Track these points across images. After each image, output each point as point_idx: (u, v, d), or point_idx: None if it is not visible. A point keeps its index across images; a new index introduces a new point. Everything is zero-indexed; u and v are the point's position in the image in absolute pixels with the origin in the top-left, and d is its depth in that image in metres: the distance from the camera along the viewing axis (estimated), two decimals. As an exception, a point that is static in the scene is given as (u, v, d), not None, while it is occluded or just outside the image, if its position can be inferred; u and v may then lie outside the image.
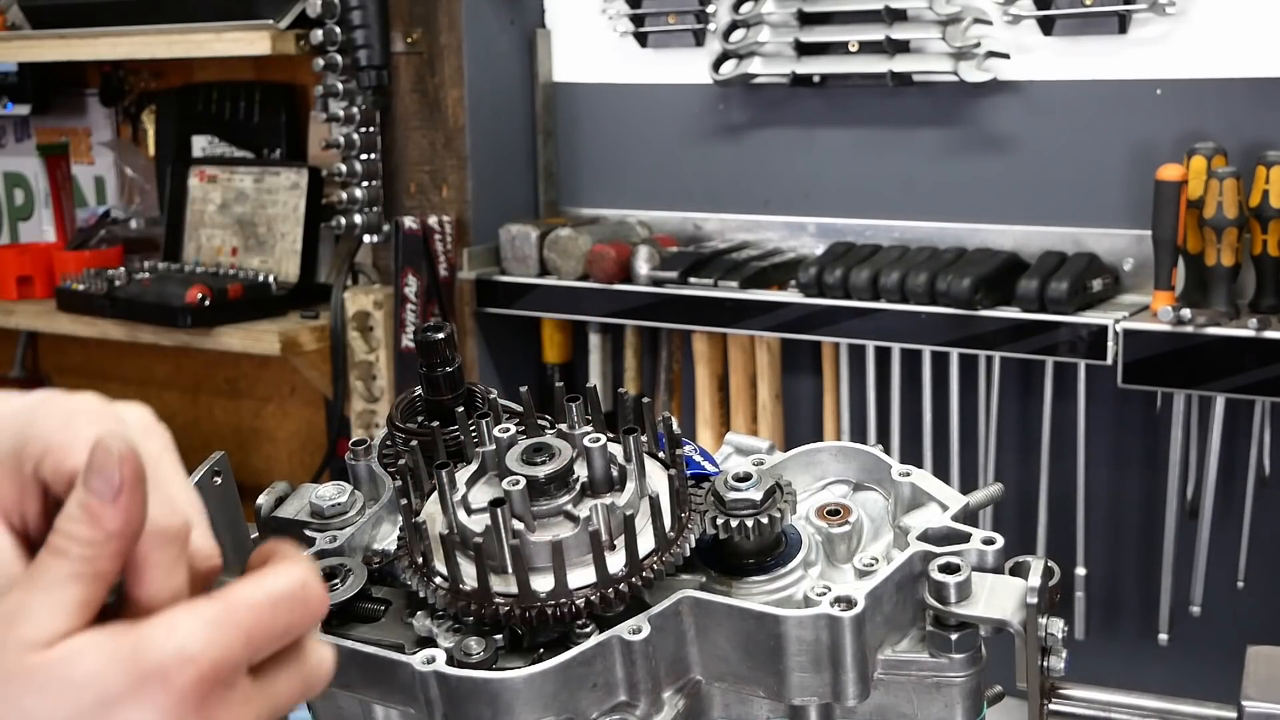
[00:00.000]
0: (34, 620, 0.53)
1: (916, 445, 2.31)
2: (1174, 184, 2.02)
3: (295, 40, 2.62)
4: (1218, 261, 2.03)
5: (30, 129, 3.59)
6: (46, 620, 0.53)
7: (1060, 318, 2.09)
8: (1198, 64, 2.13)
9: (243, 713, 0.56)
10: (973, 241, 2.32)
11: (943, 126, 2.36)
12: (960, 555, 0.77)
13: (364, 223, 2.65)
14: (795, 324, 2.32)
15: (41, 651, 0.53)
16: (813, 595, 0.75)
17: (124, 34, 2.82)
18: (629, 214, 2.67)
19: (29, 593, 0.54)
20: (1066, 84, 2.24)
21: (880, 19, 2.30)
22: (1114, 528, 2.29)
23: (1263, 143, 2.07)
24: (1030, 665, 0.80)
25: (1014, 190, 2.31)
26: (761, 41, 2.41)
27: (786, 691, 0.74)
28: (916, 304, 2.18)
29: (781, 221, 2.53)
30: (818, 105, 2.47)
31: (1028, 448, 2.28)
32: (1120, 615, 2.31)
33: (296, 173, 2.94)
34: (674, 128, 2.62)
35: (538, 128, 2.73)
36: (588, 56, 2.70)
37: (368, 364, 2.70)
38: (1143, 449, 2.25)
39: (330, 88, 2.61)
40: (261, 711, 0.58)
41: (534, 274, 2.56)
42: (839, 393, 2.39)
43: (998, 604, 0.76)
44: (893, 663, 0.77)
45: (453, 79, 2.60)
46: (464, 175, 2.62)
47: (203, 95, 3.19)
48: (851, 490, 0.88)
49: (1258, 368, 1.96)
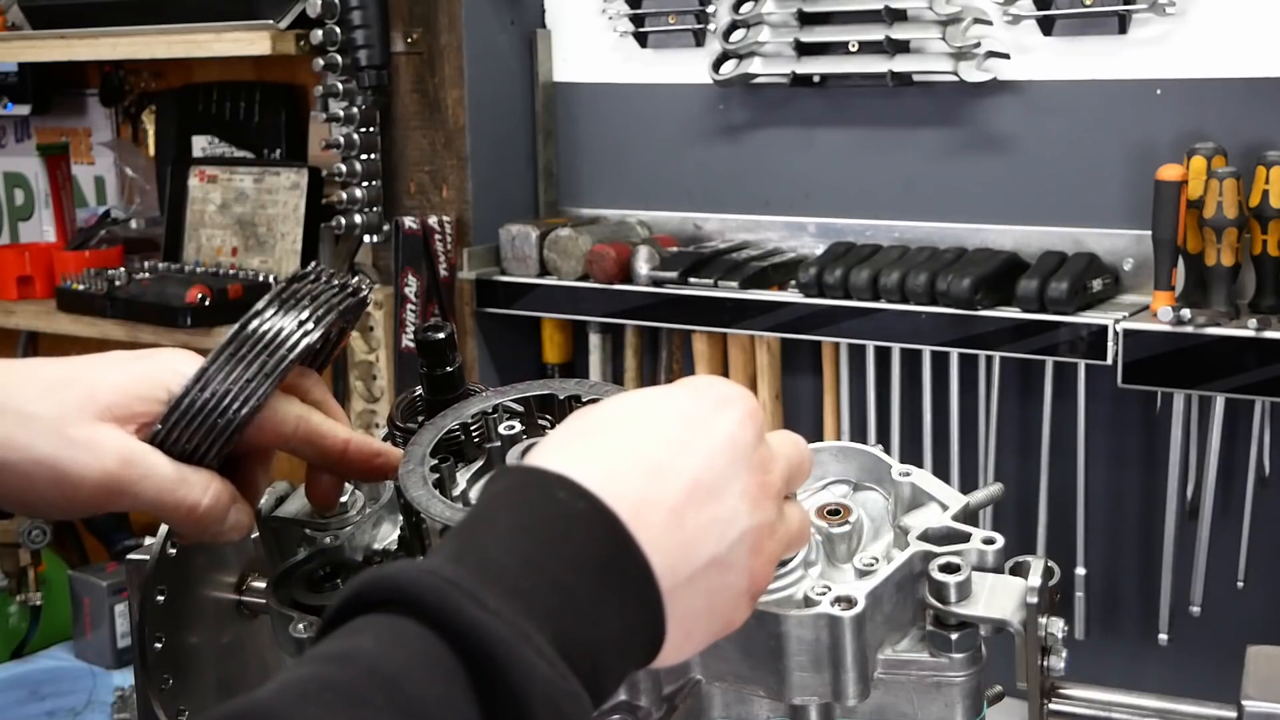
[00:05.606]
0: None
1: (916, 445, 2.31)
2: (1174, 184, 2.02)
3: (295, 40, 2.62)
4: (1218, 261, 2.03)
5: (30, 129, 3.59)
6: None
7: (1060, 318, 2.09)
8: (1198, 64, 2.13)
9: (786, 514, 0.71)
10: (973, 241, 2.32)
11: (943, 126, 2.36)
12: (960, 555, 0.77)
13: (364, 223, 2.65)
14: (795, 324, 2.32)
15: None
16: (813, 595, 0.75)
17: (124, 34, 2.82)
18: (629, 214, 2.67)
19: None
20: (1066, 84, 2.24)
21: (880, 19, 2.30)
22: (1114, 528, 2.29)
23: (1263, 143, 2.07)
24: (1030, 665, 0.80)
25: (1014, 190, 2.31)
26: (761, 41, 2.41)
27: (787, 691, 0.74)
28: (916, 304, 2.18)
29: (781, 221, 2.53)
30: (818, 105, 2.47)
31: (1028, 448, 2.28)
32: (1120, 615, 2.31)
33: (296, 173, 2.94)
34: (674, 128, 2.62)
35: (538, 128, 2.73)
36: (588, 56, 2.70)
37: (368, 364, 2.70)
38: (1142, 449, 2.25)
39: (330, 88, 2.61)
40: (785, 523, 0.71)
41: (534, 274, 2.56)
42: (839, 393, 2.39)
43: (998, 604, 0.76)
44: (893, 662, 0.77)
45: (453, 79, 2.60)
46: (464, 175, 2.62)
47: (203, 95, 3.19)
48: (851, 490, 0.88)
49: (1258, 368, 1.96)
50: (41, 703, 2.72)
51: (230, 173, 3.05)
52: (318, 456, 0.86)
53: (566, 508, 0.62)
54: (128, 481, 0.77)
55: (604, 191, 2.72)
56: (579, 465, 0.64)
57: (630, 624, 0.62)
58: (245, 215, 3.01)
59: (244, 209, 3.01)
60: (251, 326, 0.80)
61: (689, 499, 0.65)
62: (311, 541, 0.91)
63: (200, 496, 0.79)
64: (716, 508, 0.66)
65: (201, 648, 0.98)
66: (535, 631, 0.57)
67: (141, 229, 3.29)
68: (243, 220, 3.01)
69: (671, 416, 0.68)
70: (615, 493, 0.63)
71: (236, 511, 0.81)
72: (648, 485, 0.64)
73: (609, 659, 0.61)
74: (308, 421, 0.84)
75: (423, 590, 0.56)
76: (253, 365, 0.78)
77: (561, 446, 0.66)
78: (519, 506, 0.63)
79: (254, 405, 0.78)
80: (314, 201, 2.89)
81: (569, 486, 0.63)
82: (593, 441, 0.66)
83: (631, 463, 0.65)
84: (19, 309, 3.10)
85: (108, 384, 0.78)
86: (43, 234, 3.54)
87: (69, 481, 0.76)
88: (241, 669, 1.01)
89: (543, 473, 0.64)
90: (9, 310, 3.10)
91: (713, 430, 0.67)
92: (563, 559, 0.60)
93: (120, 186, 3.40)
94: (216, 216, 3.06)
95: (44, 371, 0.79)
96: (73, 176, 3.53)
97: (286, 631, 0.85)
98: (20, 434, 0.76)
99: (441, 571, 0.57)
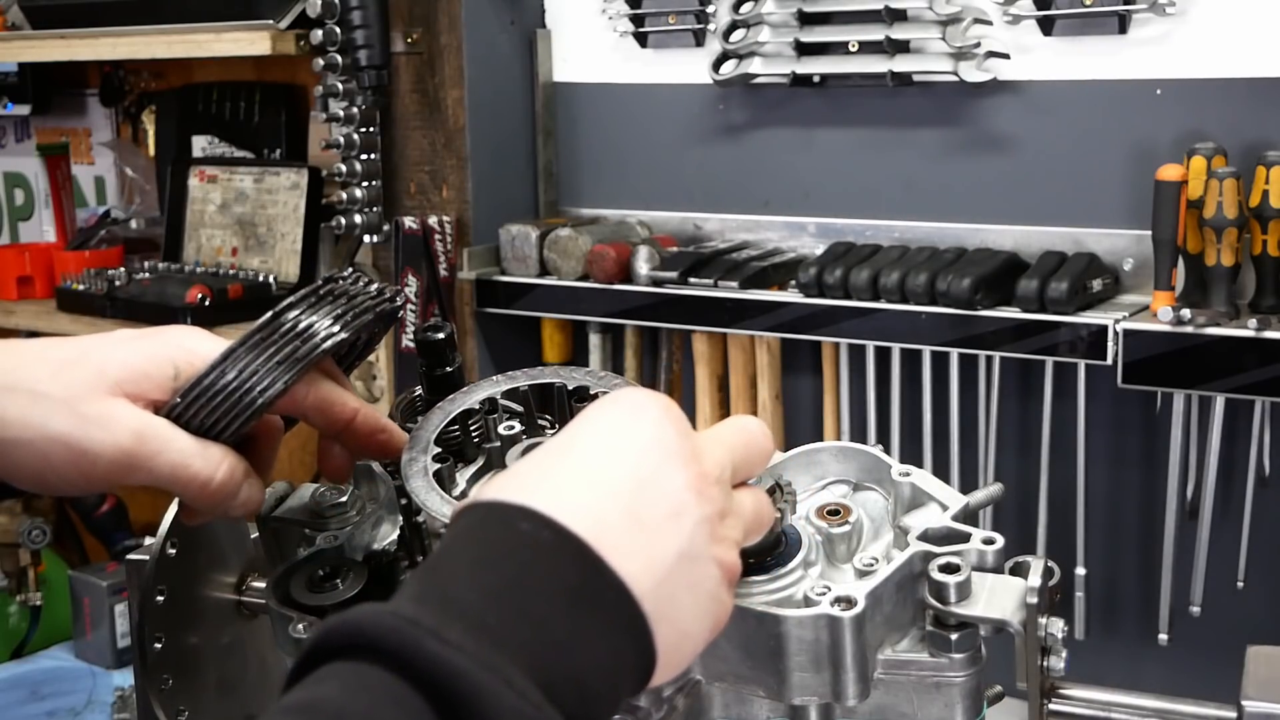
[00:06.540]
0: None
1: (916, 445, 2.31)
2: (1174, 184, 2.02)
3: (295, 40, 2.62)
4: (1218, 261, 2.03)
5: (30, 129, 3.60)
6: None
7: (1060, 318, 2.09)
8: (1198, 64, 2.13)
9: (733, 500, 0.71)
10: (973, 241, 2.32)
11: (943, 126, 2.36)
12: (960, 555, 0.77)
13: (364, 223, 2.65)
14: (795, 324, 2.32)
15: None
16: (813, 595, 0.75)
17: (124, 34, 2.82)
18: (629, 214, 2.67)
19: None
20: (1066, 84, 2.24)
21: (880, 19, 2.30)
22: (1114, 528, 2.29)
23: (1263, 143, 2.07)
24: (1030, 665, 0.80)
25: (1014, 190, 2.31)
26: (761, 41, 2.41)
27: (787, 691, 0.74)
28: (916, 304, 2.18)
29: (781, 221, 2.53)
30: (818, 105, 2.47)
31: (1028, 448, 2.28)
32: (1120, 615, 2.31)
33: (296, 173, 2.94)
34: (674, 128, 2.62)
35: (538, 128, 2.73)
36: (588, 56, 2.70)
37: (368, 364, 2.70)
38: (1142, 449, 2.25)
39: (330, 88, 2.61)
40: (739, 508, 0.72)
41: (534, 274, 2.56)
42: (839, 393, 2.39)
43: (998, 604, 0.76)
44: (893, 662, 0.77)
45: (453, 79, 2.60)
46: (464, 175, 2.62)
47: (203, 95, 3.19)
48: (851, 490, 0.88)
49: (1258, 368, 1.96)
50: (41, 703, 2.72)
51: (230, 173, 3.05)
52: (326, 424, 0.87)
53: (531, 539, 0.62)
54: (143, 456, 0.78)
55: (604, 191, 2.72)
56: (538, 495, 0.64)
57: (615, 646, 0.62)
58: (245, 215, 3.01)
59: (244, 209, 3.01)
60: (285, 317, 0.81)
61: (639, 499, 0.65)
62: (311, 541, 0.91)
63: (214, 471, 0.80)
64: (666, 502, 0.66)
65: (201, 648, 0.98)
66: (505, 663, 0.56)
67: (141, 229, 3.29)
68: (243, 220, 3.01)
69: (599, 432, 0.69)
70: (575, 516, 0.63)
71: (249, 487, 0.82)
72: (601, 500, 0.64)
73: (596, 686, 0.60)
74: (319, 389, 0.86)
75: (383, 632, 0.56)
76: (280, 353, 0.79)
77: (517, 477, 0.67)
78: (480, 543, 0.62)
79: (275, 392, 0.79)
80: (314, 201, 2.89)
81: (532, 518, 0.62)
82: (544, 473, 0.67)
83: (582, 483, 0.65)
84: (19, 309, 3.10)
85: (117, 361, 0.80)
86: (43, 234, 3.54)
87: (86, 457, 0.77)
88: (241, 669, 1.01)
89: (504, 505, 0.64)
90: (9, 310, 3.10)
91: (635, 434, 0.68)
92: (531, 591, 0.60)
93: (120, 186, 3.40)
94: (216, 216, 3.06)
95: (53, 352, 0.81)
96: (73, 176, 3.53)
97: (286, 632, 0.85)
98: (35, 413, 0.77)
99: (402, 612, 0.57)
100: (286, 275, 2.89)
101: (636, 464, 0.67)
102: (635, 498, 0.65)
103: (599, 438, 0.68)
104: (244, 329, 0.80)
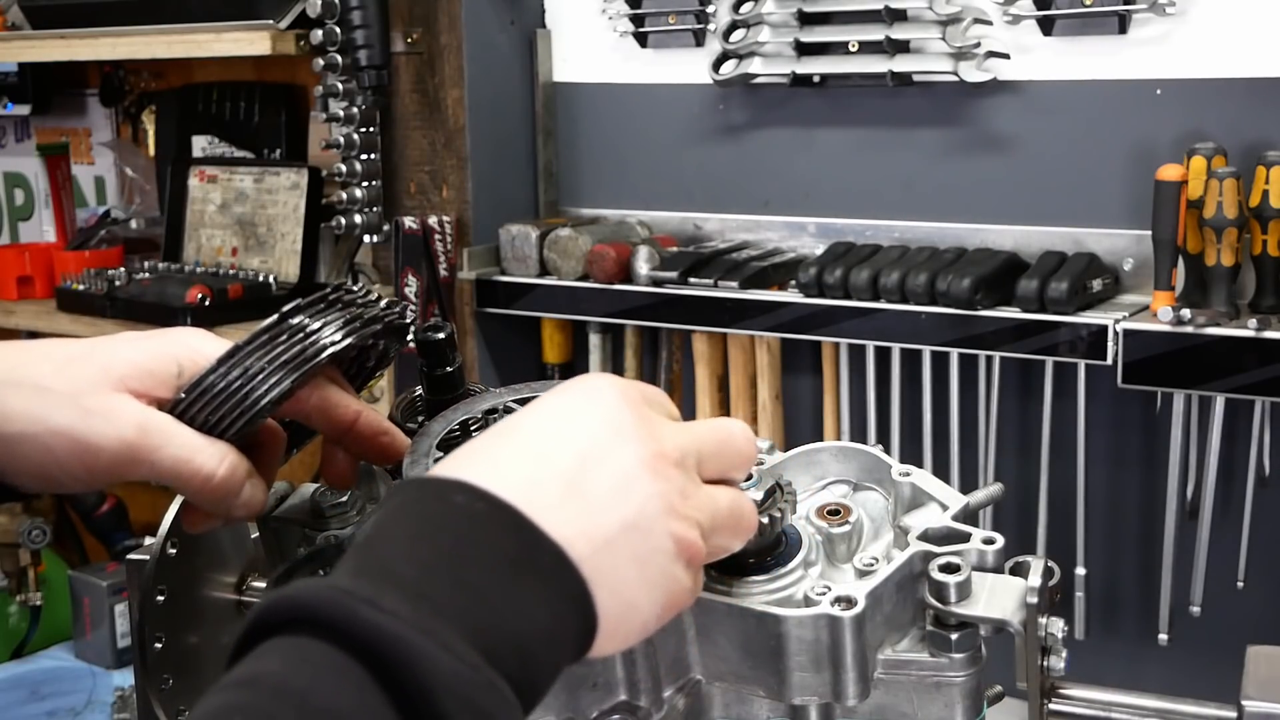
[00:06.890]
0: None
1: (916, 445, 2.31)
2: (1174, 184, 2.02)
3: (295, 40, 2.62)
4: (1218, 261, 2.03)
5: (30, 129, 3.60)
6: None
7: (1060, 318, 2.09)
8: (1198, 64, 2.13)
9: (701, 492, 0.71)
10: (973, 241, 2.32)
11: (943, 126, 2.36)
12: (960, 555, 0.77)
13: (364, 223, 2.65)
14: (795, 324, 2.32)
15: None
16: (813, 595, 0.75)
17: (124, 34, 2.82)
18: (629, 214, 2.67)
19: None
20: (1066, 84, 2.24)
21: (880, 19, 2.30)
22: (1114, 528, 2.29)
23: (1263, 143, 2.07)
24: (1030, 665, 0.80)
25: (1014, 190, 2.31)
26: (761, 41, 2.41)
27: (787, 691, 0.74)
28: (916, 304, 2.18)
29: (781, 221, 2.53)
30: (818, 105, 2.47)
31: (1028, 448, 2.28)
32: (1120, 615, 2.31)
33: (296, 173, 2.94)
34: (674, 128, 2.62)
35: (538, 128, 2.73)
36: (588, 56, 2.70)
37: (368, 364, 2.70)
38: (1142, 449, 2.25)
39: (330, 88, 2.61)
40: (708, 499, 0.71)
41: (534, 274, 2.56)
42: (839, 393, 2.39)
43: (998, 604, 0.76)
44: (893, 662, 0.77)
45: (453, 79, 2.60)
46: (464, 175, 2.62)
47: (203, 95, 3.19)
48: (851, 490, 0.88)
49: (1258, 368, 1.96)
50: (41, 703, 2.72)
51: (230, 173, 3.05)
52: (328, 427, 0.87)
53: (466, 510, 0.63)
54: (146, 450, 0.78)
55: (604, 191, 2.72)
56: (473, 470, 0.65)
57: (555, 611, 0.62)
58: (245, 215, 3.01)
59: (244, 209, 3.01)
60: (292, 319, 0.81)
61: (579, 468, 0.66)
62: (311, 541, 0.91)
63: (216, 466, 0.80)
64: (611, 472, 0.66)
65: (201, 648, 0.98)
66: (443, 627, 0.57)
67: (141, 229, 3.29)
68: (243, 220, 3.01)
69: (547, 413, 0.70)
70: (508, 486, 0.64)
71: (251, 487, 0.82)
72: (537, 471, 0.65)
73: (537, 650, 0.61)
74: (322, 392, 0.86)
75: (321, 604, 0.56)
76: (286, 355, 0.79)
77: (455, 459, 0.68)
78: (417, 517, 0.63)
79: (280, 393, 0.79)
80: (314, 201, 2.89)
81: (466, 490, 0.63)
82: (485, 450, 0.68)
83: (521, 457, 0.66)
84: (19, 309, 3.10)
85: (121, 357, 0.81)
86: (43, 234, 3.54)
87: (89, 450, 0.78)
88: (241, 669, 1.01)
89: (439, 480, 0.65)
90: (9, 310, 3.10)
91: (586, 414, 0.69)
92: (469, 560, 0.61)
93: (120, 186, 3.40)
94: (216, 216, 3.06)
95: (58, 349, 0.82)
96: (73, 176, 3.53)
97: (286, 631, 0.85)
98: (38, 406, 0.78)
99: (339, 584, 0.58)
100: (286, 275, 2.89)
101: (582, 440, 0.67)
102: (578, 470, 0.66)
103: (547, 418, 0.70)
104: (244, 329, 0.81)
